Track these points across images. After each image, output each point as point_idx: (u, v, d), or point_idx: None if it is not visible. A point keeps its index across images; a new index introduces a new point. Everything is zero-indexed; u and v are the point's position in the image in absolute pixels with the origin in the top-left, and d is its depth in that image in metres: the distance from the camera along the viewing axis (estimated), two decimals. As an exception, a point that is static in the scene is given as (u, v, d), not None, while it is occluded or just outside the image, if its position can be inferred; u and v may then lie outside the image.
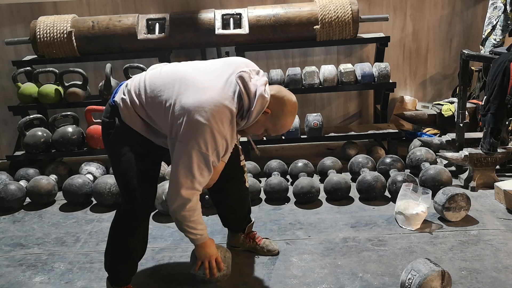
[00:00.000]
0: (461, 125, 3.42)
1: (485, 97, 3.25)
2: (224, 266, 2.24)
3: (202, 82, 1.96)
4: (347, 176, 3.43)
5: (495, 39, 3.78)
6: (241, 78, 1.95)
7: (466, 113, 3.46)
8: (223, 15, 3.86)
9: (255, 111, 1.95)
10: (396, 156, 3.55)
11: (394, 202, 2.99)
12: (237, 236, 2.63)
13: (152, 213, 3.16)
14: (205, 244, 2.15)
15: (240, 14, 3.86)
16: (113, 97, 2.12)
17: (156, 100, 1.99)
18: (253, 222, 2.64)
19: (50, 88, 3.85)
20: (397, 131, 3.89)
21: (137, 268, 2.32)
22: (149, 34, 3.84)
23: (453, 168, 3.54)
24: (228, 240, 2.68)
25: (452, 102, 3.83)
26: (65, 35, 3.81)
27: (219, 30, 3.80)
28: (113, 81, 3.78)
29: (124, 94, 2.07)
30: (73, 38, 3.82)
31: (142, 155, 2.10)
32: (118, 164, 2.11)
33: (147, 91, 2.02)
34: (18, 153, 3.92)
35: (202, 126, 1.88)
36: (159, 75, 2.05)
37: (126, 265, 2.25)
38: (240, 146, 2.43)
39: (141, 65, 3.71)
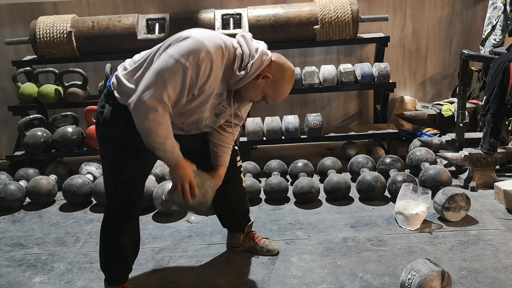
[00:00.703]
0: (461, 125, 3.42)
1: (485, 97, 3.25)
2: (199, 193, 2.04)
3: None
4: (347, 176, 3.43)
5: (495, 39, 3.78)
6: (243, 36, 1.99)
7: (466, 113, 3.46)
8: (223, 15, 3.87)
9: (255, 64, 1.93)
10: (396, 156, 3.55)
11: (394, 202, 2.99)
12: (236, 236, 2.63)
13: (152, 213, 3.17)
14: (178, 165, 1.97)
15: (240, 14, 3.86)
16: (109, 81, 2.07)
17: (144, 60, 1.97)
18: (252, 222, 2.64)
19: (50, 88, 3.85)
20: (397, 131, 3.89)
21: (132, 267, 2.31)
22: (149, 34, 3.84)
23: (453, 168, 3.55)
24: (228, 240, 2.68)
25: (452, 102, 3.83)
26: (65, 35, 3.81)
27: (219, 30, 3.79)
28: (113, 81, 3.78)
29: (117, 71, 2.06)
30: (73, 38, 3.82)
31: (130, 149, 2.05)
32: (106, 160, 2.11)
33: (135, 58, 2.03)
34: (18, 153, 3.92)
35: (192, 40, 1.85)
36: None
37: (118, 263, 2.24)
38: (237, 147, 2.43)
39: (141, 65, 3.70)
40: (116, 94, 1.99)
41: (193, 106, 1.95)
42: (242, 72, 1.95)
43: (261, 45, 2.00)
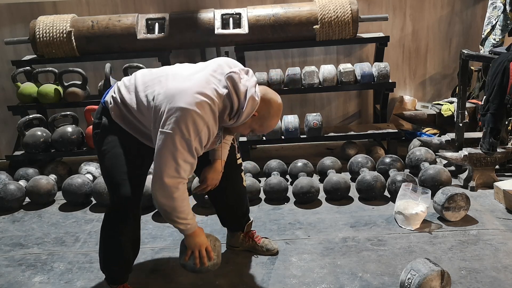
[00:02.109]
0: (461, 125, 3.42)
1: (485, 97, 3.25)
2: (214, 255, 2.19)
3: (186, 75, 2.00)
4: (346, 176, 3.43)
5: (494, 39, 3.78)
6: (231, 78, 1.96)
7: (466, 113, 3.46)
8: (222, 15, 3.86)
9: (245, 112, 1.96)
10: (395, 156, 3.55)
11: (394, 202, 2.99)
12: (236, 235, 2.63)
13: (151, 213, 3.17)
14: (195, 234, 2.10)
15: (239, 14, 3.86)
16: (104, 97, 2.17)
17: (143, 95, 2.02)
18: (252, 221, 2.64)
19: (49, 88, 3.85)
20: (396, 131, 3.89)
21: (132, 267, 2.31)
22: (148, 34, 3.84)
23: (452, 168, 3.55)
24: (228, 240, 2.68)
25: (451, 102, 3.83)
26: (65, 35, 3.81)
27: (218, 30, 3.80)
28: (112, 81, 3.77)
29: (114, 93, 2.12)
30: (73, 38, 3.82)
31: (127, 151, 2.10)
32: (104, 161, 2.14)
33: (137, 88, 2.05)
34: (17, 153, 3.92)
35: (184, 111, 1.88)
36: (149, 73, 2.10)
37: (118, 263, 2.24)
38: (236, 145, 2.43)
39: (141, 65, 3.70)
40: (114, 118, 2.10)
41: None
42: (233, 121, 2.00)
43: (250, 86, 1.98)
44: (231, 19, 3.85)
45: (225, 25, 3.85)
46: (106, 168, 2.14)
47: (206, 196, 3.00)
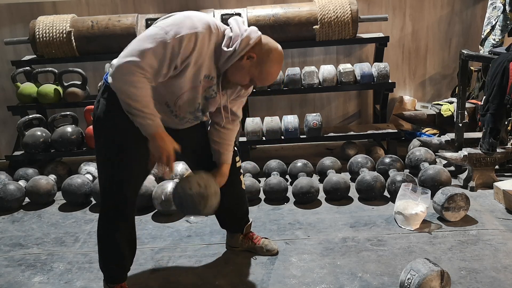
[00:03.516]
0: (460, 125, 3.42)
1: (484, 97, 3.25)
2: (201, 183, 2.07)
3: None
4: (346, 176, 3.43)
5: (494, 39, 3.78)
6: (234, 19, 1.99)
7: (465, 113, 3.46)
8: (222, 15, 3.87)
9: (244, 41, 1.90)
10: (395, 156, 3.55)
11: (393, 202, 2.99)
12: (235, 236, 2.63)
13: (151, 213, 3.17)
14: (157, 135, 1.93)
15: (239, 14, 3.86)
16: (107, 74, 2.04)
17: None
18: (251, 223, 2.64)
19: (49, 88, 3.85)
20: (396, 131, 3.89)
21: (131, 267, 2.31)
22: (148, 34, 3.84)
23: (452, 168, 3.55)
24: (227, 241, 2.68)
25: (451, 102, 3.83)
26: (64, 35, 3.81)
27: (218, 30, 3.79)
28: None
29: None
30: (72, 38, 3.82)
31: (122, 144, 2.05)
32: (98, 155, 2.12)
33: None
34: (17, 153, 3.92)
35: (179, 15, 1.87)
36: None
37: (114, 261, 2.24)
38: (236, 148, 2.43)
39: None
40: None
41: (182, 82, 1.93)
42: (231, 49, 1.92)
43: (252, 27, 1.97)
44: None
45: (224, 25, 3.85)
46: (101, 163, 2.13)
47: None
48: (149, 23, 3.86)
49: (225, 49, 1.93)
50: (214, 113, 2.23)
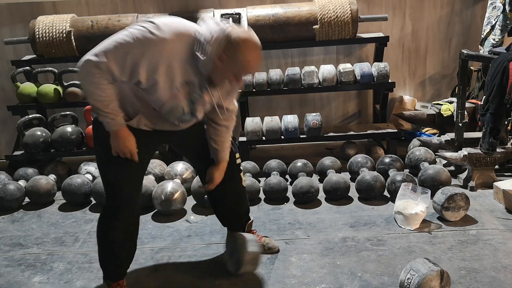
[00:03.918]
0: (460, 124, 3.42)
1: (484, 97, 3.25)
2: (257, 261, 2.35)
3: None
4: (346, 176, 3.43)
5: (494, 39, 3.78)
6: (202, 19, 2.00)
7: (465, 112, 3.46)
8: (222, 14, 3.86)
9: (213, 46, 1.88)
10: (395, 156, 3.55)
11: (393, 202, 2.99)
12: (237, 235, 2.63)
13: (151, 213, 3.17)
14: (119, 134, 2.02)
15: (239, 14, 3.86)
16: None
17: None
18: (252, 221, 2.64)
19: (49, 87, 3.85)
20: (396, 131, 3.89)
21: (128, 265, 2.31)
22: (148, 34, 3.84)
23: (452, 168, 3.55)
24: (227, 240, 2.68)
25: (451, 102, 3.83)
26: (64, 35, 3.81)
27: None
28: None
29: None
30: (72, 37, 3.82)
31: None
32: (99, 158, 2.15)
33: None
34: (17, 153, 3.92)
35: (149, 23, 1.89)
36: None
37: (110, 258, 2.25)
38: (236, 145, 2.43)
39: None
40: None
41: (159, 94, 1.95)
42: (205, 57, 1.91)
43: (221, 25, 1.92)
44: (230, 19, 3.85)
45: (224, 25, 3.85)
46: (101, 165, 2.16)
47: (206, 196, 3.01)
48: (149, 23, 3.85)
49: (198, 55, 1.92)
50: (210, 111, 2.23)
